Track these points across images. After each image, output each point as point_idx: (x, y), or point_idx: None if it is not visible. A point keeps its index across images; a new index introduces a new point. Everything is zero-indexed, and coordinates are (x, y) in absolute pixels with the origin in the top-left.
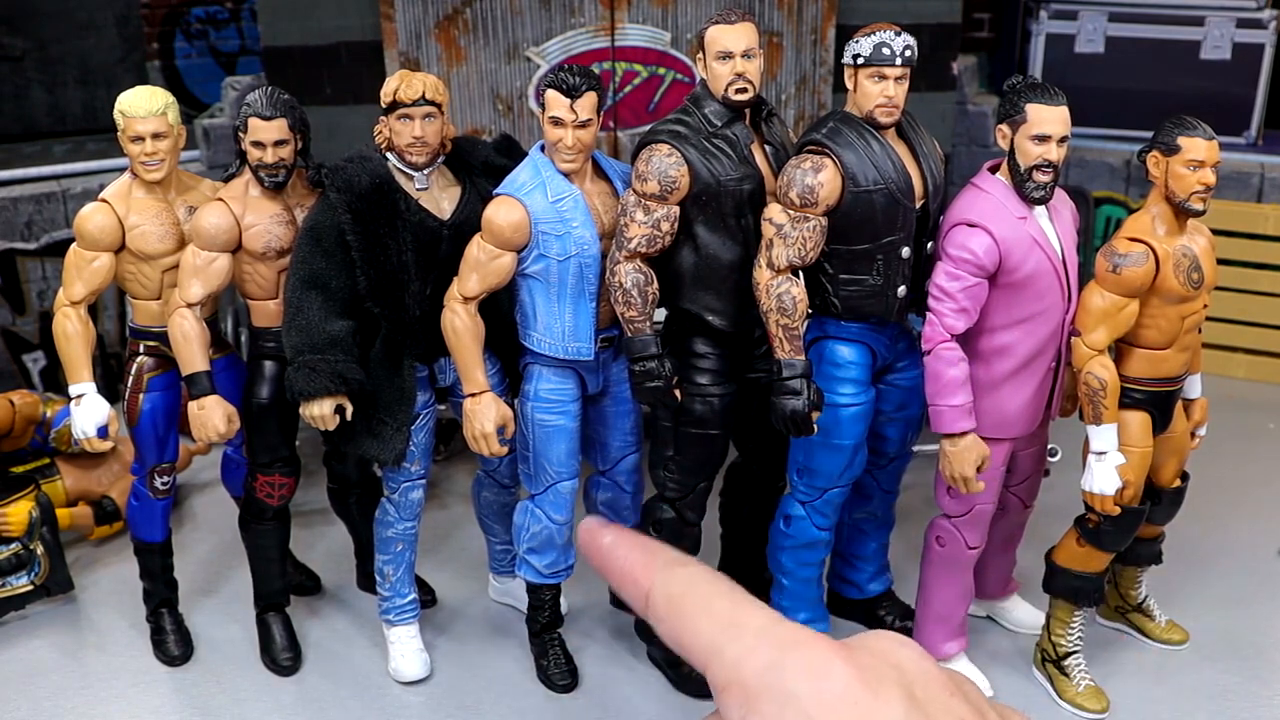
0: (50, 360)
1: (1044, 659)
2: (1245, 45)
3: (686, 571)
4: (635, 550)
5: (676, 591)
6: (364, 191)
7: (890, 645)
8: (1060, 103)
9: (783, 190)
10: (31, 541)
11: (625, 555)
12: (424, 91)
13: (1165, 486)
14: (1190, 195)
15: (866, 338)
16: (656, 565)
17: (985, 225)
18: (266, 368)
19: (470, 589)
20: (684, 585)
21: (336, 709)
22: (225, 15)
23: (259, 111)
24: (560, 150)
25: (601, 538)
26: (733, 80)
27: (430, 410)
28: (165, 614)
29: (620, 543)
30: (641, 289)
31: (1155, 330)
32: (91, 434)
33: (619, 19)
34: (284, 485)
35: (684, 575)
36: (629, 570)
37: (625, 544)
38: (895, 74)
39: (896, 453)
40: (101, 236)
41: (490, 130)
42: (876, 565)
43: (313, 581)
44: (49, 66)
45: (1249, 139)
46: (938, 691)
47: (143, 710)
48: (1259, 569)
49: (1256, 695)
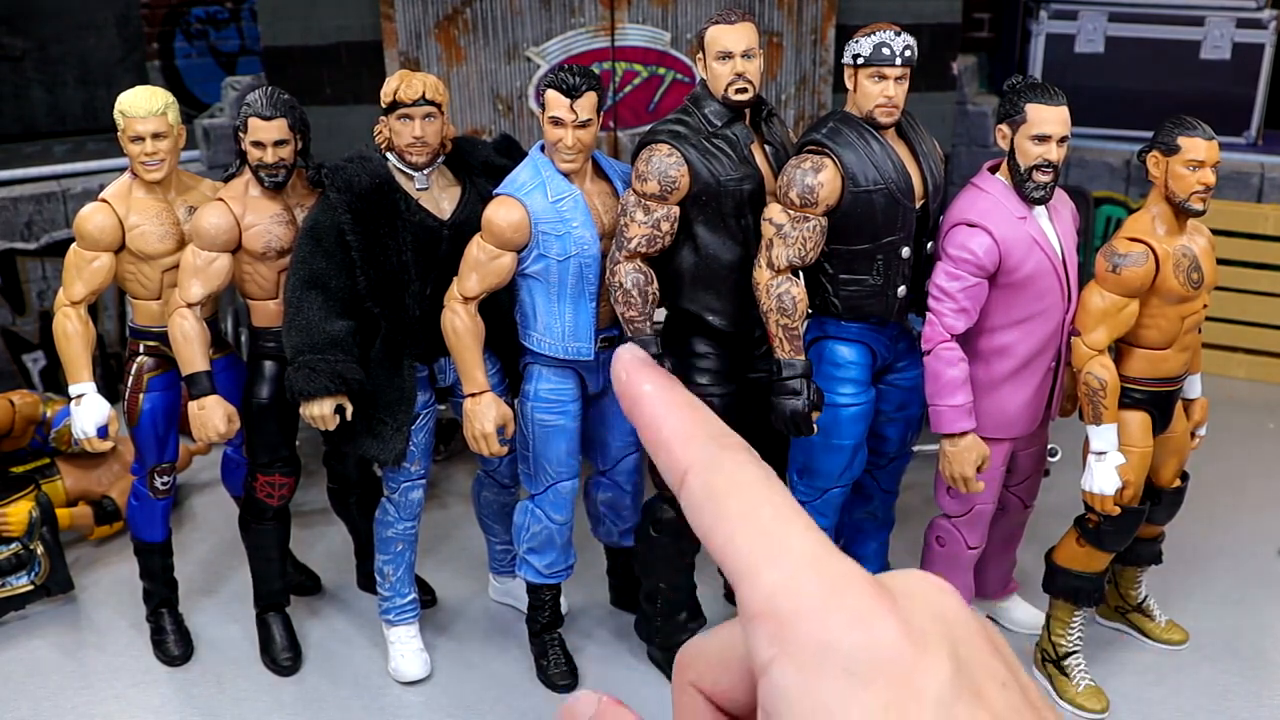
0: (50, 360)
1: (1044, 659)
2: (1245, 45)
3: (734, 459)
4: (677, 410)
5: (719, 483)
6: (364, 191)
7: (933, 592)
8: (1060, 103)
9: (783, 190)
10: (31, 541)
11: (664, 414)
12: (424, 91)
13: (1165, 486)
14: (1190, 195)
15: (866, 338)
16: (699, 439)
17: (985, 225)
18: (266, 368)
19: (470, 589)
20: (729, 477)
21: (336, 709)
22: (225, 15)
23: (259, 111)
24: (560, 150)
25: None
26: (733, 80)
27: (430, 410)
28: (165, 614)
29: (660, 394)
30: (641, 289)
31: (1155, 330)
32: (91, 434)
33: (619, 19)
34: (284, 485)
35: (731, 464)
36: (667, 435)
37: (666, 398)
38: (895, 74)
39: (896, 453)
40: (101, 236)
41: (490, 130)
42: (876, 565)
43: (313, 581)
44: (49, 66)
45: (1249, 139)
46: (980, 649)
47: (143, 710)
48: (1259, 569)
49: (1256, 695)
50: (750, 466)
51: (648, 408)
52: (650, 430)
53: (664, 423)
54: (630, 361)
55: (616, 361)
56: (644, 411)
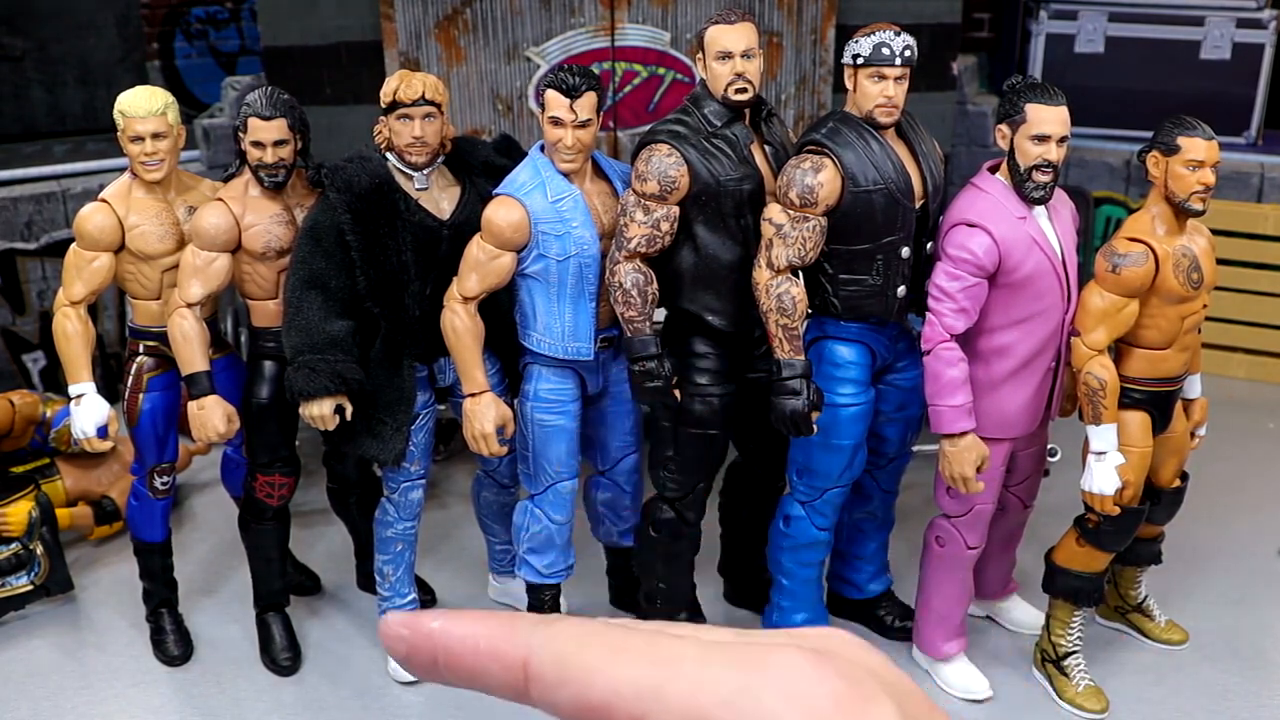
0: (50, 360)
1: (1044, 659)
2: (1245, 45)
3: (568, 624)
4: (478, 620)
5: (568, 649)
6: (364, 191)
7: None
8: (1060, 103)
9: (782, 190)
10: (31, 541)
11: (470, 630)
12: (424, 91)
13: (1165, 486)
14: (1190, 195)
15: (866, 338)
16: (520, 627)
17: (985, 225)
18: (266, 368)
19: (470, 589)
20: (575, 638)
21: (336, 709)
22: (225, 15)
23: (259, 111)
24: (560, 150)
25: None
26: (732, 80)
27: (430, 410)
28: (165, 614)
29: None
30: (641, 289)
31: (1155, 330)
32: (91, 434)
33: (619, 19)
34: (284, 485)
35: (569, 629)
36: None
37: (459, 619)
38: (895, 74)
39: (896, 453)
40: (101, 236)
41: (490, 130)
42: (876, 565)
43: (313, 581)
44: (49, 66)
45: (1249, 139)
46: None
47: (143, 710)
48: (1259, 569)
49: (1256, 695)
50: (586, 621)
51: (451, 636)
52: (466, 654)
53: (476, 637)
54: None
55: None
56: (448, 642)
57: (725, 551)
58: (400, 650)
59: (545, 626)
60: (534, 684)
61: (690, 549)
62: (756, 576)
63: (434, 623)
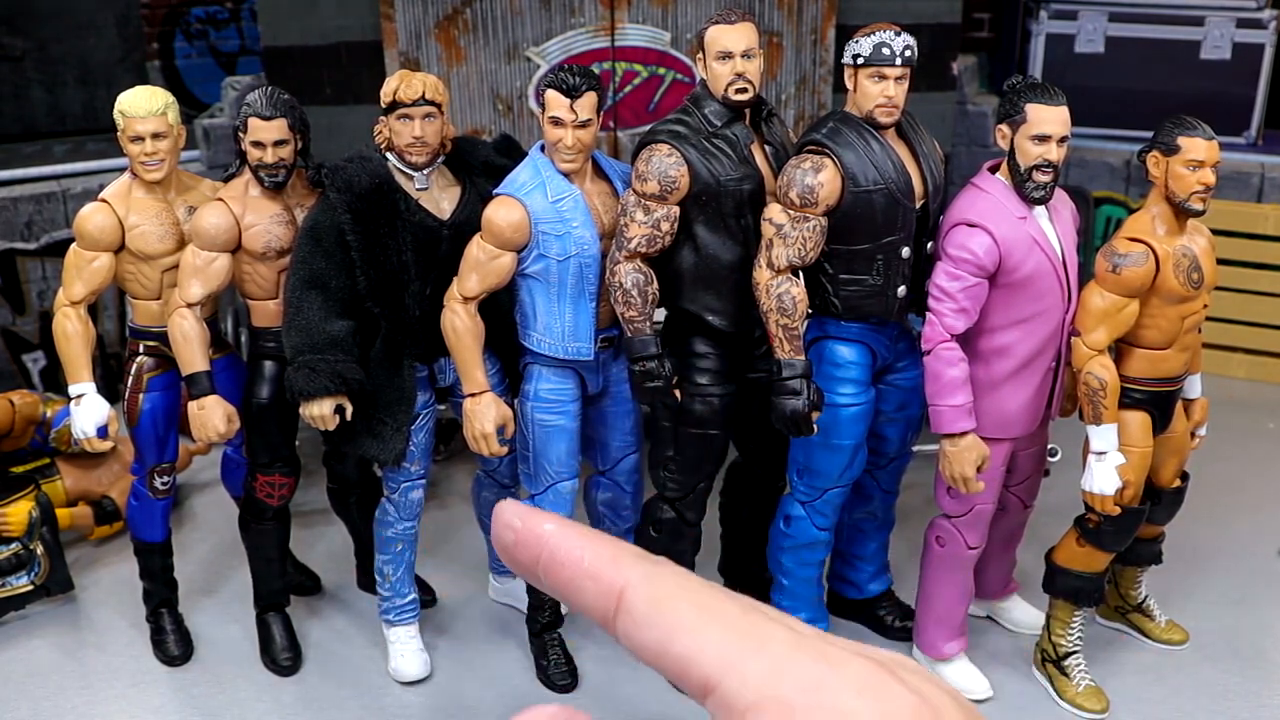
0: (50, 360)
1: (1044, 659)
2: (1245, 45)
3: (672, 570)
4: (591, 539)
5: (665, 593)
6: (364, 191)
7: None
8: (1060, 103)
9: (783, 190)
10: (31, 541)
11: (580, 544)
12: (424, 91)
13: (1165, 486)
14: (1190, 195)
15: (866, 338)
16: (627, 558)
17: (985, 225)
18: (266, 368)
19: (470, 589)
20: (675, 586)
21: (336, 709)
22: (225, 15)
23: (259, 111)
24: (560, 150)
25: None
26: (733, 80)
27: (430, 410)
28: (165, 614)
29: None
30: (641, 289)
31: (1155, 330)
32: (91, 434)
33: (619, 19)
34: (284, 485)
35: (670, 574)
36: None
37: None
38: (895, 74)
39: (896, 453)
40: (101, 236)
41: (490, 130)
42: (876, 565)
43: (313, 581)
44: (49, 66)
45: (1249, 139)
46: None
47: (143, 710)
48: (1259, 569)
49: (1256, 695)
50: (688, 575)
51: (559, 543)
52: (569, 565)
53: (583, 552)
54: (515, 512)
55: (499, 519)
56: (556, 548)
57: (725, 551)
58: (507, 539)
59: (650, 565)
60: (623, 616)
61: (691, 549)
62: (757, 576)
63: (548, 524)
